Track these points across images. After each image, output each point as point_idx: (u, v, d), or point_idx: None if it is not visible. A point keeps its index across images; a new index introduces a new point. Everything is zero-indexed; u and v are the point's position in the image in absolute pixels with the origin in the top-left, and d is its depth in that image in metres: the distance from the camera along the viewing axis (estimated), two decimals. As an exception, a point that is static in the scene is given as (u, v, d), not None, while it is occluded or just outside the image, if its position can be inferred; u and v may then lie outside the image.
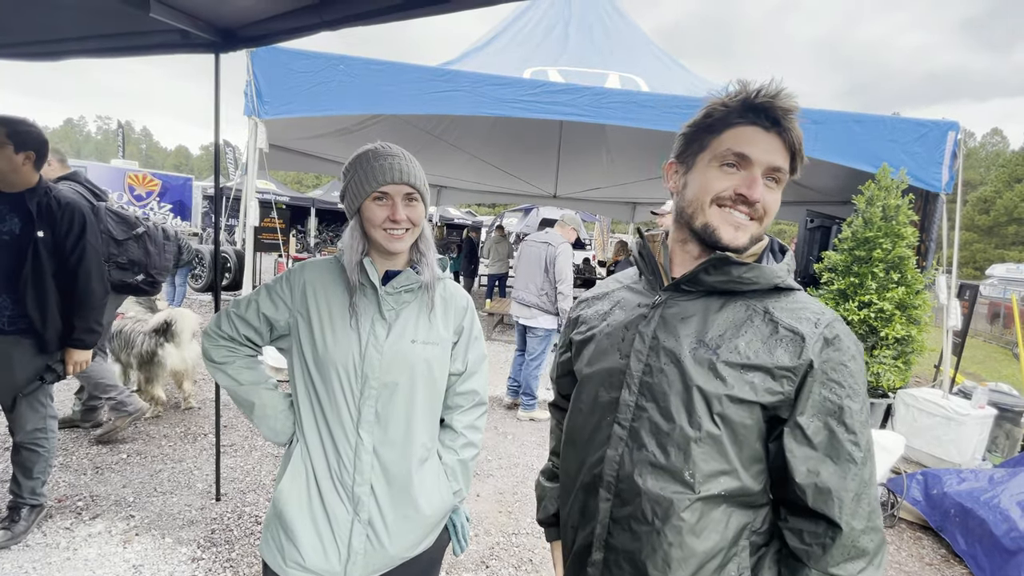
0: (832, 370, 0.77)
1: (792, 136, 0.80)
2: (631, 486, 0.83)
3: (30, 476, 2.33)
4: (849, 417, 0.76)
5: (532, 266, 4.21)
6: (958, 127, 3.90)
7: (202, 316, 7.20)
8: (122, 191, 18.95)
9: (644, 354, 0.86)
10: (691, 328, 0.84)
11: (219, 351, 1.20)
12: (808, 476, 0.76)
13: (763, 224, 0.84)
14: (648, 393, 0.84)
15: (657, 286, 0.91)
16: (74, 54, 2.36)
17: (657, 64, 5.69)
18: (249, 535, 2.51)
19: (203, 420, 3.81)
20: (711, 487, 0.79)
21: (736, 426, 0.79)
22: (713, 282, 0.84)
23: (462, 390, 1.26)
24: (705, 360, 0.80)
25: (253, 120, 3.42)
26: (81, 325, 2.27)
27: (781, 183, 0.83)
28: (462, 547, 1.30)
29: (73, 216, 2.20)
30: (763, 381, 0.78)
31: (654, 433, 0.82)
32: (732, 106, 0.81)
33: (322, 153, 7.64)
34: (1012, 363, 10.91)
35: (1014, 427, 4.29)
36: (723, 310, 0.84)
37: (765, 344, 0.79)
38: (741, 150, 0.80)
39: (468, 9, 1.46)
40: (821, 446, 0.76)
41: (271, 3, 1.80)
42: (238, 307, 1.19)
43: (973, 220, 32.70)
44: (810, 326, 0.79)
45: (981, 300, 15.18)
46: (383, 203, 1.10)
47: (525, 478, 3.41)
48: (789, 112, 0.79)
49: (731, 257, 0.82)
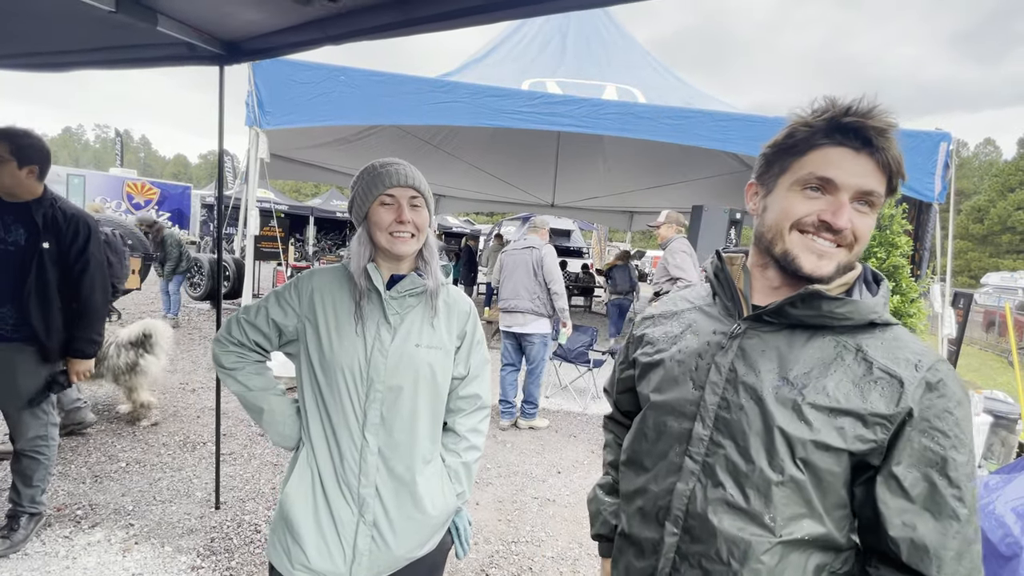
0: (936, 418, 0.70)
1: (888, 156, 0.73)
2: (704, 524, 0.79)
3: (30, 484, 2.33)
4: (954, 470, 0.69)
5: (519, 273, 4.19)
6: (950, 138, 3.96)
7: (201, 325, 7.21)
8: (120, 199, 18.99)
9: (720, 387, 0.81)
10: (773, 363, 0.78)
11: (229, 356, 1.22)
12: (903, 530, 0.70)
13: (853, 252, 0.76)
14: (725, 429, 0.79)
15: (735, 313, 0.85)
16: (80, 66, 2.39)
17: (654, 75, 5.77)
18: (249, 543, 2.51)
19: (202, 428, 3.80)
20: (793, 531, 0.74)
21: (822, 472, 0.73)
22: (800, 315, 0.77)
23: (465, 394, 1.29)
24: (789, 401, 0.75)
25: (254, 130, 3.46)
26: (83, 335, 2.28)
27: (876, 207, 0.76)
28: (464, 550, 1.32)
29: (79, 227, 2.22)
30: (853, 428, 0.72)
31: (731, 472, 0.78)
32: (817, 126, 0.75)
33: (321, 162, 7.70)
34: (1007, 371, 10.95)
35: (1009, 434, 4.32)
36: (809, 345, 0.77)
37: (857, 386, 0.73)
38: (825, 174, 0.74)
39: (467, 27, 1.51)
40: (919, 499, 0.70)
41: (276, 18, 1.84)
42: (248, 313, 1.22)
43: (968, 229, 32.96)
44: (910, 369, 0.72)
45: (976, 308, 15.26)
46: (389, 206, 1.14)
47: (524, 486, 3.42)
48: (884, 131, 0.72)
49: (823, 292, 0.75)
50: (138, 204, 19.40)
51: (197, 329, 6.92)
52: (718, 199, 7.34)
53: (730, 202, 5.79)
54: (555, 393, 5.58)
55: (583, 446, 4.23)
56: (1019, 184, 31.87)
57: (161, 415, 3.96)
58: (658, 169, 7.60)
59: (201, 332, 6.79)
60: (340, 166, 7.89)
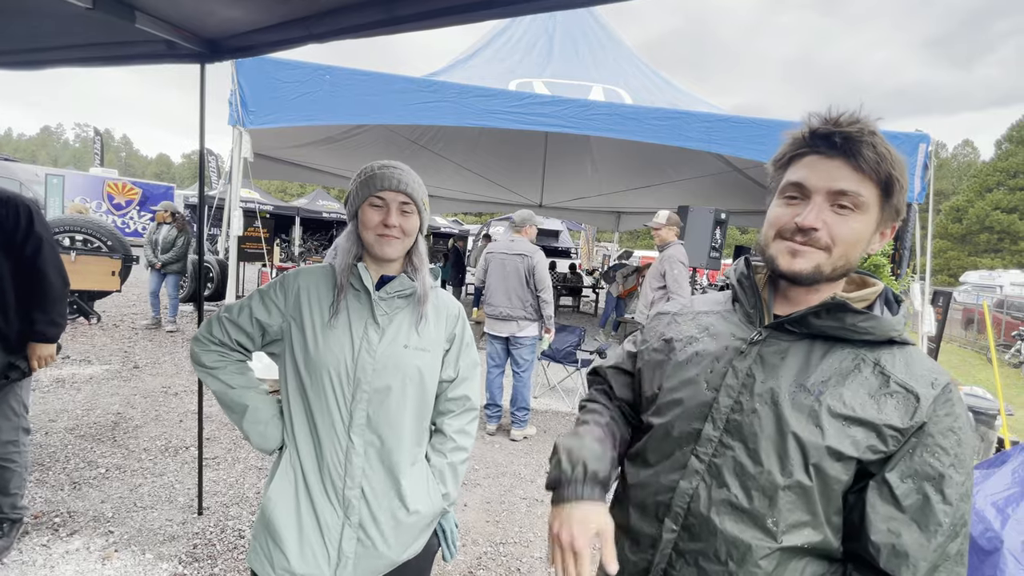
0: (940, 435, 0.73)
1: (861, 158, 0.74)
2: (704, 523, 0.80)
3: (7, 493, 2.27)
4: (950, 487, 0.71)
5: (511, 279, 4.17)
6: (929, 139, 4.04)
7: (184, 327, 7.08)
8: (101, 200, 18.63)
9: (736, 390, 0.82)
10: (791, 370, 0.79)
11: (209, 355, 1.20)
12: (887, 536, 0.72)
13: (834, 254, 0.77)
14: (736, 432, 0.80)
15: (756, 320, 0.87)
16: (56, 63, 2.34)
17: (640, 76, 5.81)
18: (233, 549, 2.47)
19: (185, 433, 3.74)
20: (794, 538, 0.76)
21: (830, 480, 0.75)
22: (822, 326, 0.79)
23: (454, 396, 1.28)
24: (806, 407, 0.76)
25: (238, 129, 3.41)
26: (43, 318, 2.19)
27: (860, 209, 0.76)
28: (452, 553, 1.31)
29: (18, 209, 2.12)
30: (866, 437, 0.74)
31: (738, 474, 0.79)
32: (798, 137, 0.80)
33: (307, 162, 7.62)
34: (987, 367, 11.21)
35: (989, 430, 4.41)
36: (828, 356, 0.79)
37: (873, 398, 0.75)
38: (797, 179, 0.78)
39: (453, 26, 1.50)
40: (910, 509, 0.72)
41: (259, 15, 1.81)
42: (230, 312, 1.21)
43: (947, 229, 33.67)
44: (926, 386, 0.74)
45: (955, 307, 15.60)
46: (379, 208, 1.14)
47: (512, 487, 3.41)
48: (851, 135, 0.74)
49: (848, 304, 0.77)
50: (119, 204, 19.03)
51: (180, 331, 6.81)
52: (704, 199, 7.41)
53: (716, 202, 5.83)
54: (544, 393, 5.59)
55: (571, 446, 4.23)
56: (996, 184, 32.67)
57: (142, 419, 3.89)
58: (645, 170, 7.65)
59: (184, 335, 6.68)
60: (326, 166, 7.82)
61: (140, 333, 6.58)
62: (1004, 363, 12.22)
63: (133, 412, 4.03)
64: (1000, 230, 31.52)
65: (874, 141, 0.75)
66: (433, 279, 1.26)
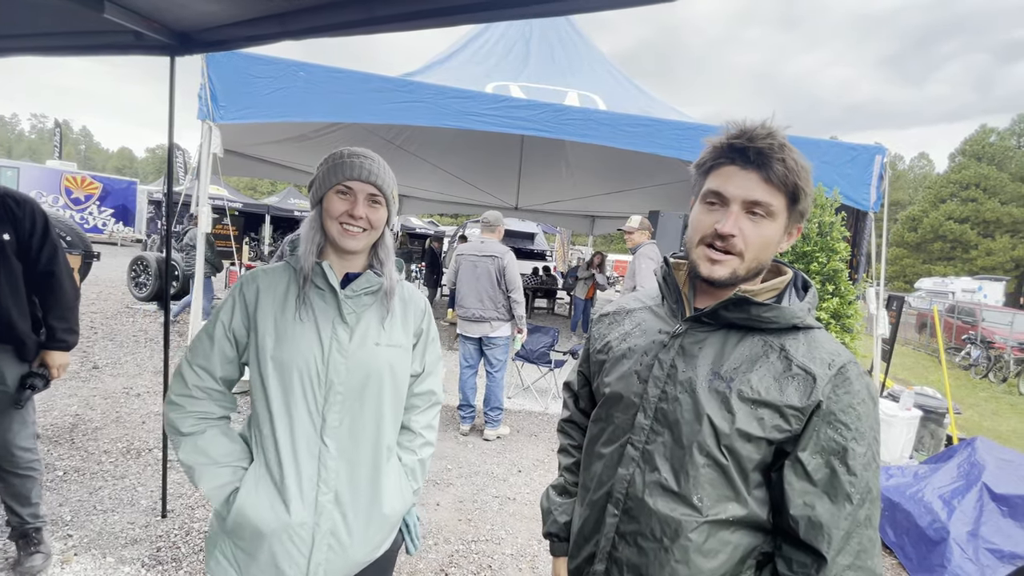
0: (840, 411, 0.79)
1: (771, 172, 0.81)
2: (640, 505, 0.87)
3: (29, 503, 2.18)
4: (852, 459, 0.78)
5: (482, 281, 4.19)
6: (885, 151, 4.24)
7: (147, 327, 6.86)
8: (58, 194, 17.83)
9: (662, 381, 0.89)
10: (708, 359, 0.86)
11: (187, 421, 1.11)
12: (804, 509, 0.79)
13: (747, 259, 0.84)
14: (663, 419, 0.87)
15: (679, 314, 0.93)
16: (17, 51, 2.26)
17: (614, 84, 5.92)
18: (198, 552, 2.42)
19: (147, 434, 3.63)
20: (718, 512, 0.82)
21: (743, 459, 0.82)
22: (733, 318, 0.86)
23: (420, 391, 1.28)
24: (719, 393, 0.83)
25: (207, 124, 3.34)
26: (62, 326, 2.13)
27: (771, 216, 0.83)
28: (416, 545, 1.30)
29: (35, 213, 2.05)
30: (772, 418, 0.80)
31: (667, 458, 0.86)
32: (717, 147, 0.86)
33: (279, 159, 7.48)
34: (938, 369, 11.75)
35: (938, 427, 4.65)
36: (741, 344, 0.86)
37: (777, 381, 0.81)
38: (716, 188, 0.85)
39: (431, 28, 1.52)
40: (820, 483, 0.78)
41: (233, 9, 1.79)
42: (194, 354, 1.12)
43: (903, 237, 35.16)
44: (823, 367, 0.81)
45: (910, 311, 16.33)
46: (345, 197, 1.09)
47: (485, 486, 3.43)
48: (763, 151, 0.81)
49: (750, 297, 0.84)
50: (77, 199, 18.25)
51: (143, 331, 6.59)
52: (674, 205, 7.59)
53: (685, 208, 5.96)
54: (517, 393, 5.62)
55: (544, 445, 4.28)
56: (950, 196, 34.25)
57: (102, 421, 3.76)
58: (618, 175, 7.78)
59: (147, 334, 6.46)
60: (299, 163, 7.70)
61: (99, 332, 6.34)
62: (954, 365, 12.86)
63: (92, 414, 3.89)
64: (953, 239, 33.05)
65: (783, 155, 0.81)
66: (398, 271, 1.22)
